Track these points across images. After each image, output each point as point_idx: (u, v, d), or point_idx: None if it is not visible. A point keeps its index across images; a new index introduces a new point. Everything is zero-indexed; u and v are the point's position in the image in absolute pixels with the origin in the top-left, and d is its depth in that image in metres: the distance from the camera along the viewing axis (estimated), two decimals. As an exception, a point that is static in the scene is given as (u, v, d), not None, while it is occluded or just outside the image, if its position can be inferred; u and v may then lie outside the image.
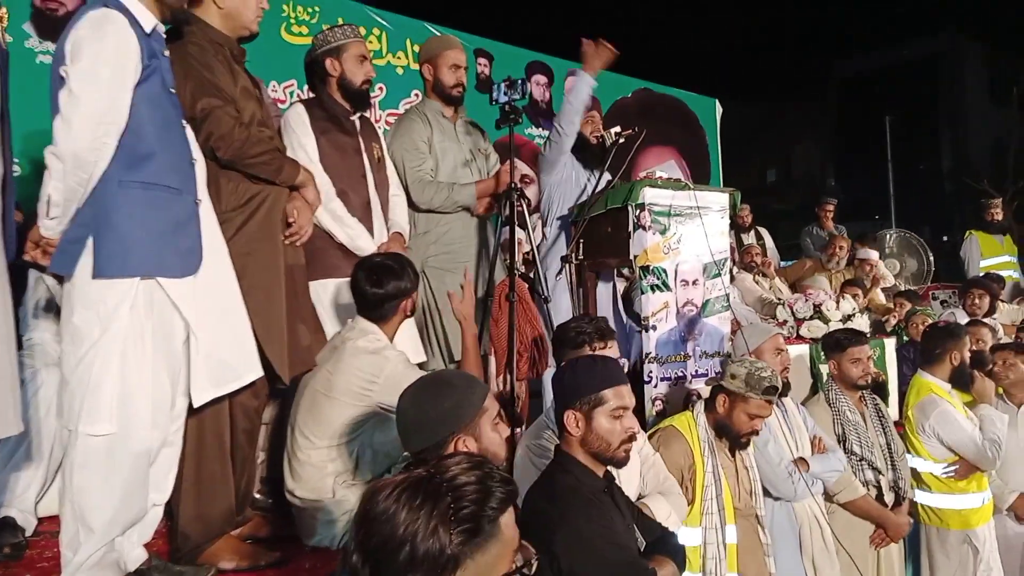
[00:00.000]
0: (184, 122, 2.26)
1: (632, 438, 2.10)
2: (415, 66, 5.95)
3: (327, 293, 3.00)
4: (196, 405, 2.19)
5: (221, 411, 2.37)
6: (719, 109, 9.37)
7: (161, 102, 2.13)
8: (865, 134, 23.24)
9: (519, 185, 3.27)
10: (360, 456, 2.49)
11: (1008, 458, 4.10)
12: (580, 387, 2.08)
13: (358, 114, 3.23)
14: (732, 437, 2.98)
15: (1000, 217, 7.87)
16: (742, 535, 2.93)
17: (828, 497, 3.53)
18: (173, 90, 2.21)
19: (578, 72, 3.87)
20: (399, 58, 6.29)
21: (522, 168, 4.37)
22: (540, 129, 7.12)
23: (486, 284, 3.43)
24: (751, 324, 3.82)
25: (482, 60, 6.90)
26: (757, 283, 6.18)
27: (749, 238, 7.40)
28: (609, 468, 2.17)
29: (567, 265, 3.53)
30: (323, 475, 2.48)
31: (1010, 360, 4.35)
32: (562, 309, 3.53)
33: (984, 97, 27.70)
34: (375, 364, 2.51)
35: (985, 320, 5.30)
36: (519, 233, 3.22)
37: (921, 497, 4.09)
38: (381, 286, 2.64)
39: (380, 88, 5.93)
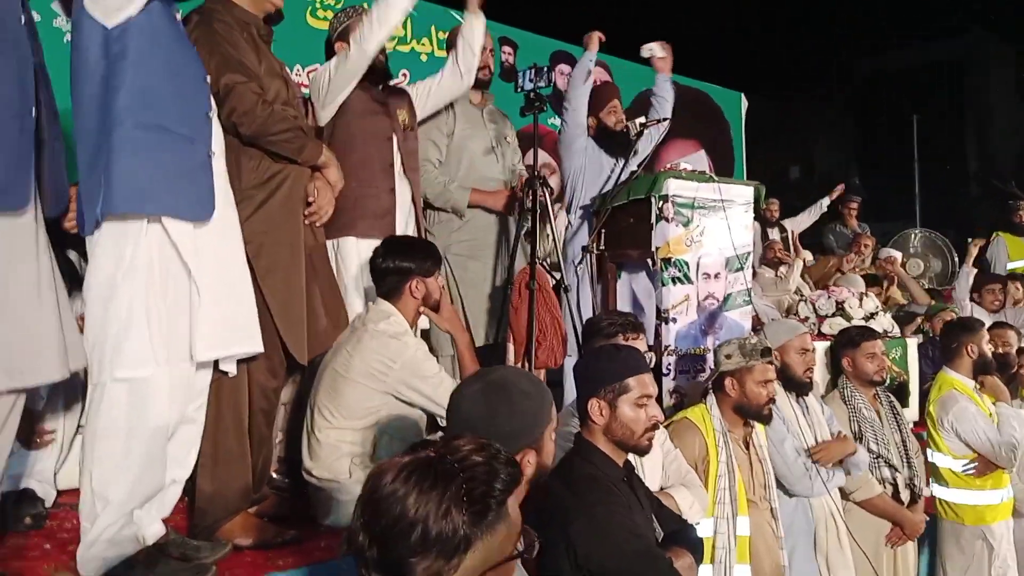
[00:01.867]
0: (207, 81, 2.24)
1: (656, 426, 2.09)
2: (440, 53, 5.95)
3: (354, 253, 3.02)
4: (197, 361, 2.15)
5: (239, 389, 2.38)
6: (744, 103, 9.30)
7: (171, 44, 2.10)
8: (889, 133, 23.02)
9: (543, 173, 3.25)
10: (378, 439, 2.50)
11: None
12: (604, 375, 2.06)
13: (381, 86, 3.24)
14: (755, 414, 2.96)
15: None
16: (755, 527, 2.91)
17: (844, 495, 3.50)
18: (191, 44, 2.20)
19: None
20: (424, 44, 6.29)
21: (544, 158, 4.36)
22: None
23: (506, 272, 3.42)
24: (776, 320, 3.78)
25: (507, 48, 6.88)
26: (779, 278, 6.12)
27: (774, 233, 7.34)
28: (630, 458, 2.16)
29: (588, 255, 3.52)
30: (340, 455, 2.49)
31: None
32: (584, 299, 3.52)
33: (1011, 98, 27.31)
34: (394, 349, 2.52)
35: (1009, 322, 5.23)
36: (539, 218, 3.22)
37: (938, 492, 4.08)
38: (385, 259, 2.65)
39: (404, 74, 5.92)
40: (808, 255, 6.84)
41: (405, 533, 1.13)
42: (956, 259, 7.66)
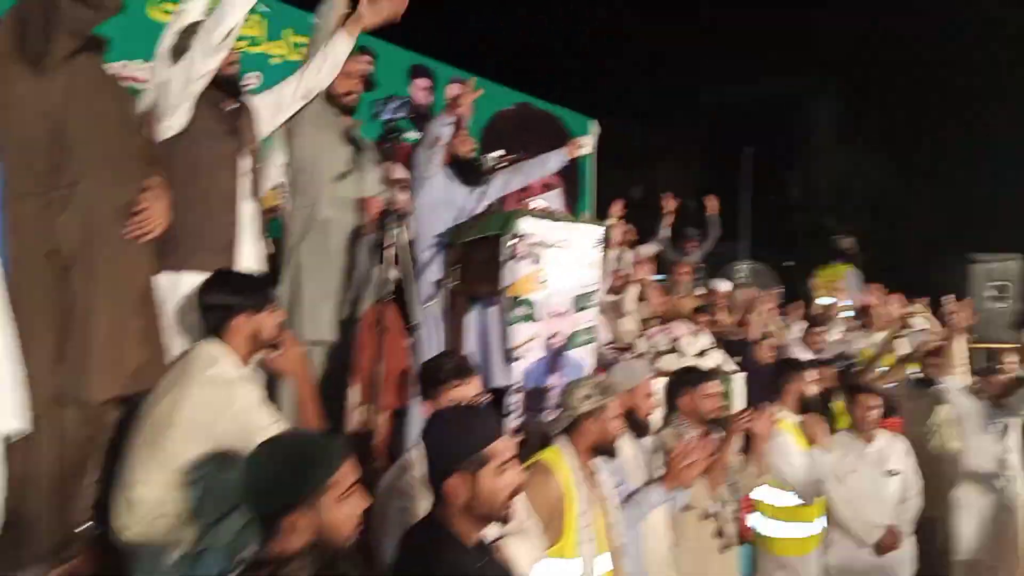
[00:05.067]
0: None
1: (519, 490, 2.01)
2: (294, 57, 5.70)
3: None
4: None
5: (33, 442, 2.14)
6: (596, 129, 9.55)
7: None
8: (725, 163, 24.45)
9: (397, 209, 3.16)
10: (202, 496, 2.31)
11: (862, 494, 4.37)
12: (461, 448, 1.93)
13: (231, 102, 3.05)
14: (609, 450, 3.01)
15: (847, 249, 8.50)
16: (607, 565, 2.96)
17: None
18: None
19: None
20: (279, 46, 6.00)
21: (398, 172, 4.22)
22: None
23: (352, 307, 3.30)
24: (625, 362, 3.85)
25: (364, 58, 6.69)
26: (617, 302, 6.17)
27: (625, 258, 7.37)
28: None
29: (441, 291, 3.46)
30: (158, 514, 2.27)
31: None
32: (433, 338, 3.45)
33: (834, 134, 29.80)
34: (223, 398, 2.32)
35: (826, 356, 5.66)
36: (391, 255, 3.12)
37: (757, 523, 4.32)
38: (208, 293, 2.47)
39: (254, 77, 5.63)
40: (649, 277, 6.99)
41: None
42: (782, 289, 8.23)
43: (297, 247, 3.39)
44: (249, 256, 3.00)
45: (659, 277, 7.99)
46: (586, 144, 3.98)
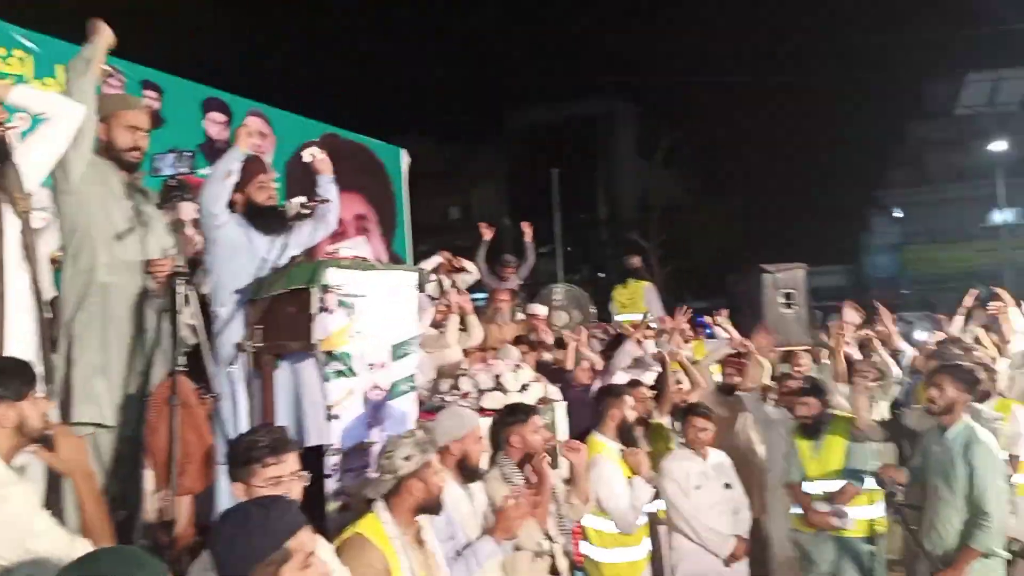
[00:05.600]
0: None
1: None
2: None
3: None
4: None
5: None
6: (406, 158, 9.45)
7: None
8: (534, 183, 25.22)
9: (184, 268, 2.89)
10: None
11: (709, 506, 4.56)
12: (256, 548, 1.76)
13: None
14: (435, 507, 2.92)
15: (636, 268, 8.95)
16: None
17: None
18: None
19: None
20: (46, 85, 5.43)
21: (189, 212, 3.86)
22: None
23: (142, 381, 2.97)
24: (450, 409, 3.74)
25: (150, 93, 6.20)
26: (440, 334, 6.06)
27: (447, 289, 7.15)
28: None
29: (243, 352, 3.19)
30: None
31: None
32: (239, 406, 3.17)
33: (634, 153, 31.56)
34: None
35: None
36: (186, 319, 2.84)
37: (585, 550, 4.37)
38: None
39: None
40: (468, 307, 6.87)
41: None
42: (594, 310, 8.48)
43: (72, 319, 3.02)
44: (21, 332, 2.63)
45: (478, 300, 7.97)
46: (314, 152, 3.73)
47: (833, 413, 4.84)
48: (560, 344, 6.62)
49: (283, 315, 3.29)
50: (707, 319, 7.90)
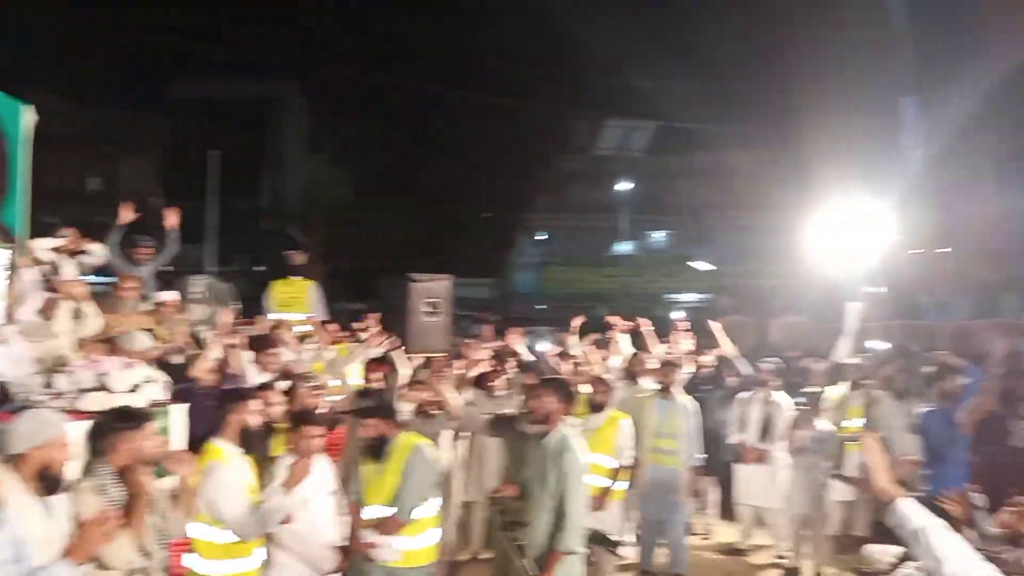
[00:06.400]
0: None
1: None
2: None
3: None
4: None
5: None
6: (31, 115, 8.21)
7: None
8: (192, 161, 23.46)
9: None
10: None
11: (318, 521, 4.47)
12: None
13: None
14: None
15: (299, 265, 8.79)
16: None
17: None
18: None
19: None
20: None
21: None
22: None
23: None
24: (32, 412, 3.26)
25: None
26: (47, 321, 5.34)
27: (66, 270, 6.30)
28: None
29: None
30: None
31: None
32: None
33: (302, 146, 30.81)
34: None
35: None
36: None
37: (192, 563, 4.15)
38: None
39: None
40: (85, 292, 6.10)
41: None
42: (238, 307, 8.09)
43: None
44: None
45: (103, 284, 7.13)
46: None
47: (396, 435, 4.67)
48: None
49: None
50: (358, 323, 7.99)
